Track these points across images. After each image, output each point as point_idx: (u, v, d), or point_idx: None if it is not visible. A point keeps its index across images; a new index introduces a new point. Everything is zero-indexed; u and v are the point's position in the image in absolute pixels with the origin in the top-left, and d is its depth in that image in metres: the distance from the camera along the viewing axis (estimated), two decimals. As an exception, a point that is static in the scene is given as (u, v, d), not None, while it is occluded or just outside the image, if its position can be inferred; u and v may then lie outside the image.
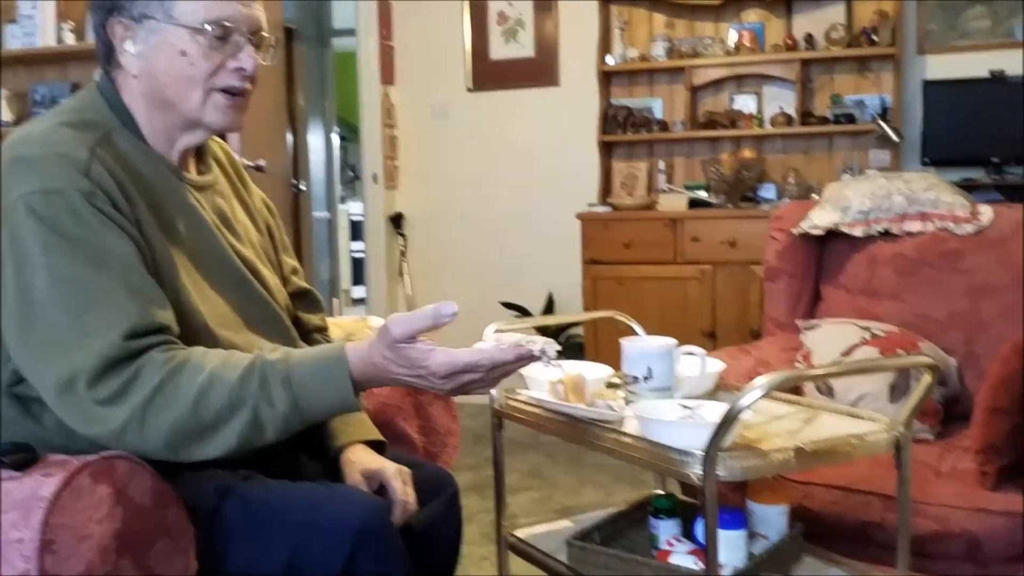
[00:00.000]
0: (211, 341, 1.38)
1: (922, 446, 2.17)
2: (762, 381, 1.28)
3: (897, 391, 2.19)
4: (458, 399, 1.55)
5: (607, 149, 4.66)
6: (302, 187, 4.98)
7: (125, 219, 1.29)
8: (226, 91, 1.39)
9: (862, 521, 1.96)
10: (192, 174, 1.48)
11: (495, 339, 1.28)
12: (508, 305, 4.70)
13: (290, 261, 1.74)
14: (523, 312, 4.67)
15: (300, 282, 1.75)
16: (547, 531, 1.83)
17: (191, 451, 1.25)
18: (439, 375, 1.24)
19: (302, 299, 1.74)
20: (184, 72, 1.36)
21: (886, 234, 2.62)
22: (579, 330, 4.58)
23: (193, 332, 1.36)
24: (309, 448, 1.57)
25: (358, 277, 6.79)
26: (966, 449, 2.10)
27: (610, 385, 1.78)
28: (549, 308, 4.76)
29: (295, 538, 1.27)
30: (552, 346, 1.27)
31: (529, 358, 1.27)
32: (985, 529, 1.88)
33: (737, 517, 1.52)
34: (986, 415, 1.96)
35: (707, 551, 1.34)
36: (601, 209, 4.43)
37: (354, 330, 2.31)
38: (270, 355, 1.28)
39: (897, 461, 1.49)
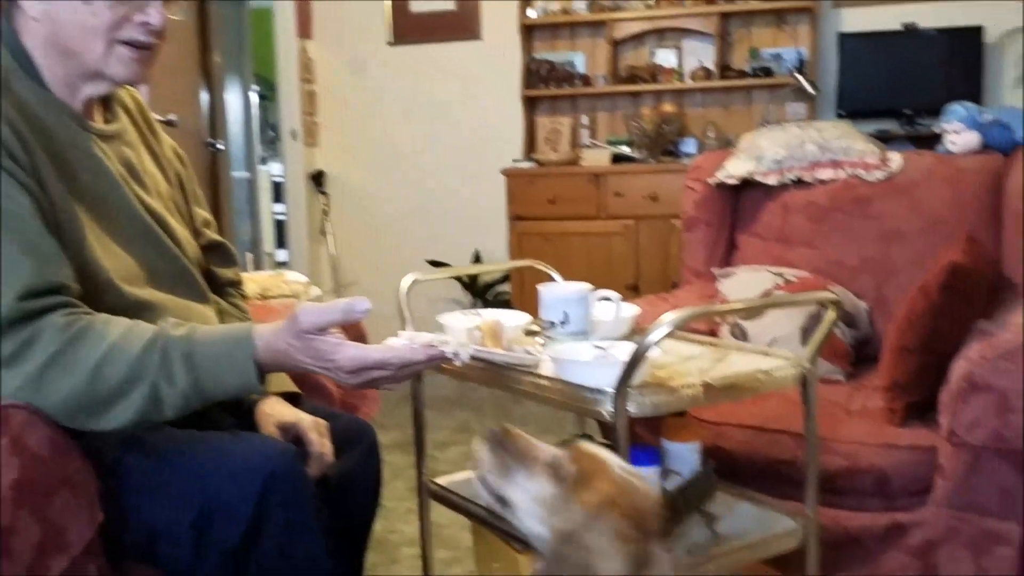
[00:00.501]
0: (117, 297, 1.34)
1: (833, 386, 2.24)
2: (670, 318, 1.30)
3: (808, 334, 2.24)
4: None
5: (530, 104, 4.64)
6: (220, 146, 4.86)
7: (23, 171, 1.23)
8: (130, 44, 1.34)
9: (773, 459, 2.01)
10: (98, 123, 1.42)
11: (408, 337, 1.27)
12: (434, 263, 4.68)
13: (202, 213, 1.69)
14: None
15: (212, 235, 1.71)
16: (467, 477, 1.83)
17: (87, 422, 1.21)
18: (346, 369, 1.23)
19: (215, 252, 1.70)
20: (87, 22, 1.31)
21: (799, 182, 2.67)
22: (506, 287, 4.59)
23: (98, 288, 1.31)
24: (222, 400, 1.55)
25: (281, 240, 6.68)
26: (875, 389, 2.16)
27: (528, 332, 1.78)
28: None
29: (203, 487, 1.25)
30: (466, 349, 1.27)
31: (441, 359, 1.26)
32: (893, 464, 1.95)
33: (650, 454, 1.55)
34: (894, 354, 2.03)
35: (621, 489, 1.36)
36: (525, 165, 4.43)
37: (270, 285, 2.28)
38: (173, 331, 1.25)
39: (803, 396, 1.53)
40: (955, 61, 4.07)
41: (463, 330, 1.72)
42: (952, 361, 1.93)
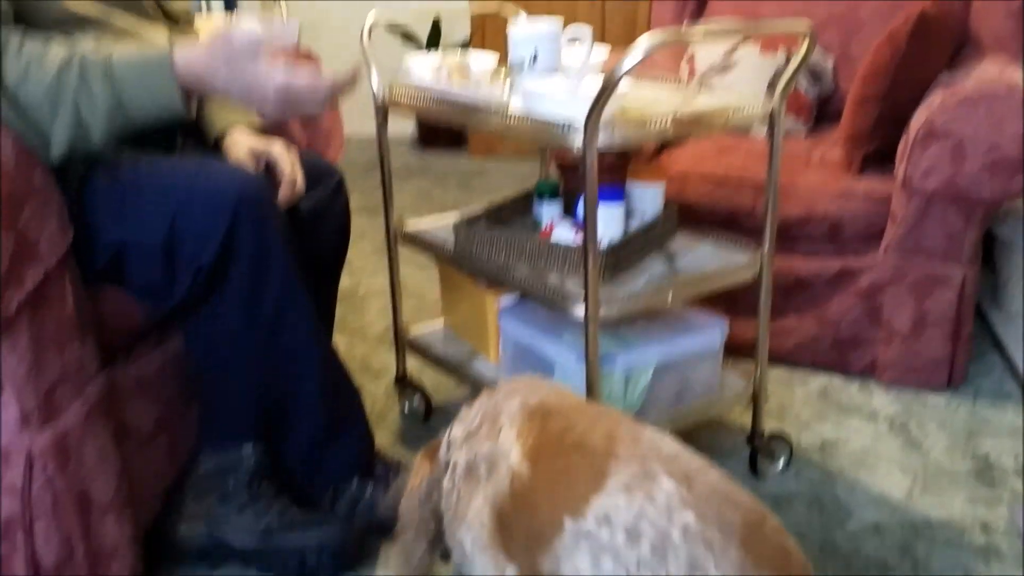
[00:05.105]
0: (58, 11, 1.28)
1: (794, 140, 2.26)
2: (642, 42, 1.28)
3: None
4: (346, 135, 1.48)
5: None
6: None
7: None
8: None
9: (734, 209, 2.06)
10: None
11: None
12: (392, 28, 4.52)
13: None
14: (408, 38, 4.51)
15: (157, -40, 1.62)
16: (436, 224, 1.86)
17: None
18: (272, 100, 1.23)
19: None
20: None
21: (774, -67, 2.58)
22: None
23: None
24: (188, 135, 1.52)
25: (230, 5, 6.37)
26: (835, 142, 2.19)
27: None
28: (435, 34, 4.61)
29: (172, 209, 1.25)
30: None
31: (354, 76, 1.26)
32: (848, 212, 2.01)
33: (616, 192, 1.57)
34: (856, 104, 2.04)
35: (586, 223, 1.37)
36: (487, -77, 4.21)
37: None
38: (90, 52, 1.20)
39: (768, 132, 1.55)
40: None
41: (429, 70, 1.70)
42: (912, 113, 1.95)
